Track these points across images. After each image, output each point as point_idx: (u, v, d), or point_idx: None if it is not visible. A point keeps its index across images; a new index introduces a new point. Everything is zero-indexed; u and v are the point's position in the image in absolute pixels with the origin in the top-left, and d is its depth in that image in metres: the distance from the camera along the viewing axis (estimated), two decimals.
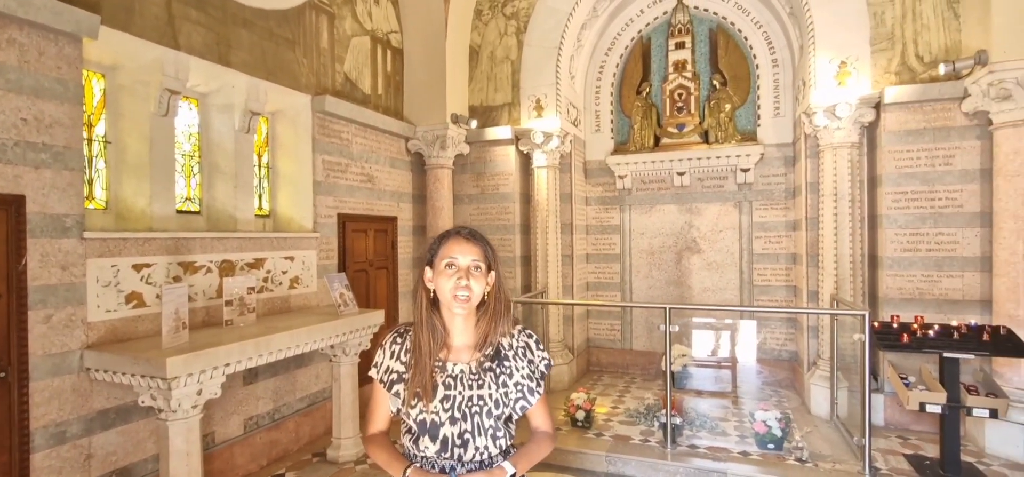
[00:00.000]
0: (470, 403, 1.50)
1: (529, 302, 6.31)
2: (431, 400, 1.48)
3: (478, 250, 1.52)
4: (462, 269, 1.48)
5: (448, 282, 1.48)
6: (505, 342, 1.57)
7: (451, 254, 1.50)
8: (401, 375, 1.55)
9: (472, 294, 1.48)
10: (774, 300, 6.53)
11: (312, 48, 5.04)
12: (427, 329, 1.52)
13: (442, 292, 1.50)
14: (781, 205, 6.46)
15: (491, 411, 1.50)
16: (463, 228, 1.58)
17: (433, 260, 1.55)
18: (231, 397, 4.13)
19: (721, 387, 6.15)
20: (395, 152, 6.18)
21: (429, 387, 1.48)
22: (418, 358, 1.51)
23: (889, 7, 4.98)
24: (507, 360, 1.56)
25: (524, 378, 1.56)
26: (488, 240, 1.58)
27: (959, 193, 4.73)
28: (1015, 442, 4.19)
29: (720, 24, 6.66)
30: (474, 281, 1.49)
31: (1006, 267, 4.29)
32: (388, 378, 1.57)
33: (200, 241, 3.96)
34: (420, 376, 1.49)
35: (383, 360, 1.60)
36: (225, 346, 3.20)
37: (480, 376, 1.52)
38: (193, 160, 4.40)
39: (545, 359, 1.61)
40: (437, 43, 6.19)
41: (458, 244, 1.52)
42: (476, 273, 1.50)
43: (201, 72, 4.08)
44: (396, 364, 1.57)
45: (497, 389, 1.52)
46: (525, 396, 1.56)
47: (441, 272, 1.50)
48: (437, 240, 1.57)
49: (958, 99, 4.64)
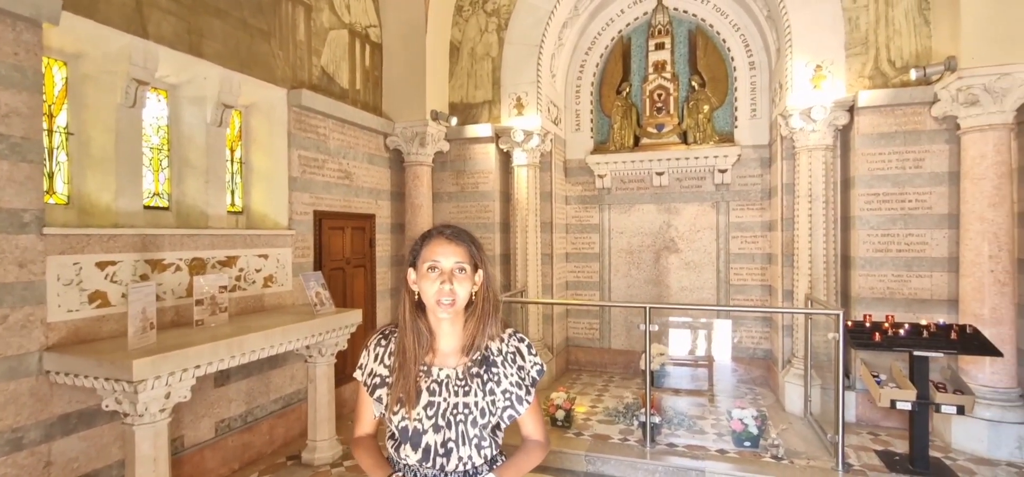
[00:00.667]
0: (454, 410, 1.43)
1: (509, 301, 6.26)
2: (414, 407, 1.42)
3: (462, 250, 1.44)
4: (445, 272, 1.41)
5: (431, 286, 1.41)
6: (494, 346, 1.50)
7: (433, 256, 1.42)
8: (384, 379, 1.48)
9: (457, 299, 1.41)
10: (750, 299, 6.63)
11: (288, 40, 4.91)
12: (411, 333, 1.45)
13: (426, 296, 1.43)
14: (757, 206, 6.56)
15: (476, 420, 1.43)
16: (446, 227, 1.49)
17: (416, 261, 1.47)
18: (201, 399, 4.00)
19: (697, 385, 6.22)
20: (373, 148, 6.08)
21: (412, 393, 1.42)
22: (402, 362, 1.44)
23: (863, 12, 5.09)
24: (495, 366, 1.48)
25: (513, 385, 1.48)
26: (474, 238, 1.50)
27: (928, 195, 4.86)
28: (979, 437, 4.32)
29: (699, 26, 6.72)
30: (458, 284, 1.41)
31: (972, 268, 4.43)
32: (371, 382, 1.50)
33: (169, 238, 3.81)
34: (404, 381, 1.42)
35: (367, 362, 1.53)
36: (195, 347, 3.08)
37: (467, 382, 1.45)
38: (162, 154, 4.23)
39: (537, 365, 1.53)
40: (417, 38, 6.10)
41: (441, 245, 1.44)
42: (461, 275, 1.42)
43: (171, 62, 3.93)
44: (380, 367, 1.50)
45: (483, 396, 1.45)
46: (513, 404, 1.48)
47: (424, 275, 1.43)
48: (419, 240, 1.49)
49: (928, 104, 4.77)
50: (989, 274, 4.33)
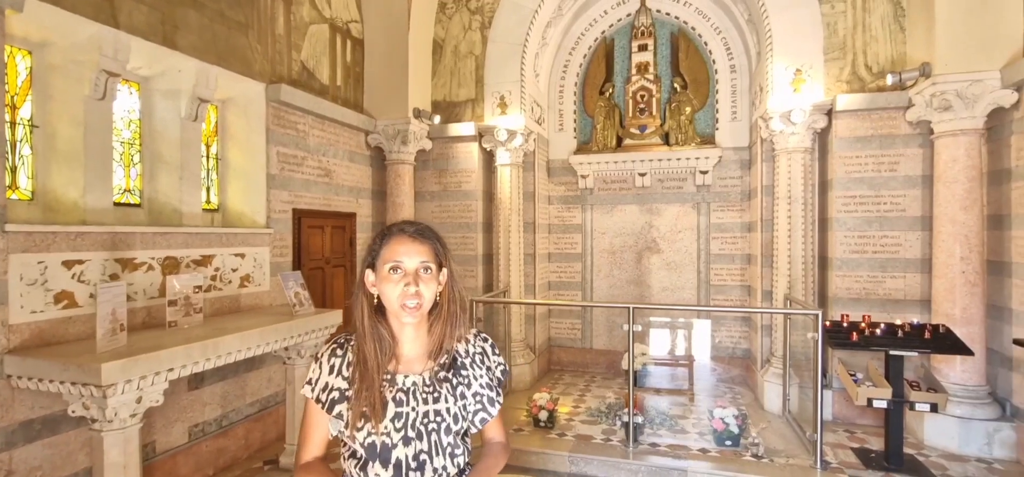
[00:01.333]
0: (426, 419, 1.33)
1: (491, 301, 6.23)
2: (381, 420, 1.30)
3: (427, 249, 1.35)
4: (410, 273, 1.31)
5: (394, 289, 1.31)
6: (461, 348, 1.43)
7: (395, 257, 1.32)
8: (344, 393, 1.34)
9: (423, 301, 1.32)
10: (730, 299, 6.71)
11: (267, 34, 4.79)
12: (372, 339, 1.34)
13: (388, 299, 1.33)
14: (737, 207, 6.64)
15: (450, 427, 1.35)
16: (408, 224, 1.39)
17: (374, 262, 1.36)
18: (174, 403, 3.86)
19: (678, 385, 6.27)
20: (354, 146, 5.97)
21: (378, 405, 1.30)
22: (363, 372, 1.32)
23: (841, 18, 5.18)
24: (464, 368, 1.41)
25: (483, 387, 1.41)
26: (438, 234, 1.41)
27: (903, 198, 4.97)
28: (951, 434, 4.44)
29: (681, 28, 6.78)
30: (424, 286, 1.32)
31: (944, 269, 4.54)
32: (328, 397, 1.35)
33: (140, 236, 3.67)
34: (367, 393, 1.30)
35: (320, 376, 1.38)
36: (168, 349, 2.97)
37: (435, 388, 1.36)
38: (133, 149, 4.08)
39: (501, 365, 1.48)
40: (399, 35, 6.02)
41: (403, 244, 1.34)
42: (426, 275, 1.33)
43: (143, 54, 3.79)
44: (337, 380, 1.36)
45: (455, 402, 1.37)
46: (486, 407, 1.41)
47: (385, 277, 1.32)
48: (378, 239, 1.38)
49: (903, 108, 4.88)
50: (960, 275, 4.45)
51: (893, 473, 4.06)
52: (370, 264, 1.38)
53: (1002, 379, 4.44)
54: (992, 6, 4.30)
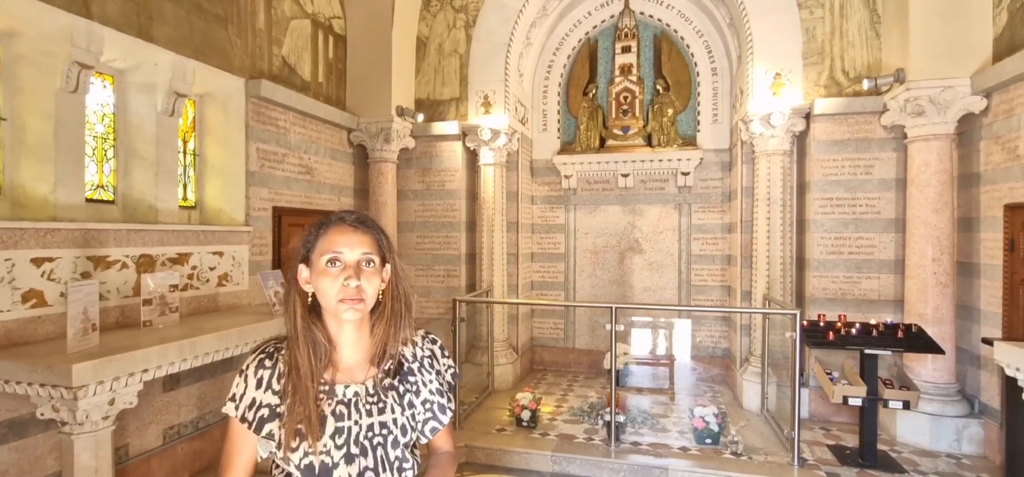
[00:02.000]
0: (370, 433, 1.21)
1: (474, 301, 6.22)
2: (319, 437, 1.16)
3: (370, 240, 1.23)
4: (350, 266, 1.18)
5: (332, 284, 1.17)
6: (408, 352, 1.31)
7: (334, 248, 1.19)
8: (274, 409, 1.19)
9: (365, 297, 1.19)
10: (710, 299, 6.79)
11: (247, 28, 4.70)
12: (305, 345, 1.19)
13: (324, 296, 1.19)
14: (718, 208, 6.73)
15: (397, 439, 1.23)
16: (348, 213, 1.26)
17: (309, 255, 1.22)
18: (148, 405, 3.77)
19: (659, 384, 6.33)
20: (336, 143, 5.90)
21: (315, 420, 1.16)
22: (297, 384, 1.17)
23: (820, 24, 5.29)
24: (412, 374, 1.29)
25: (433, 394, 1.30)
26: (381, 226, 1.29)
27: (877, 201, 5.09)
28: (922, 431, 4.56)
29: (664, 31, 6.84)
30: (366, 280, 1.19)
31: (917, 270, 4.66)
32: (255, 415, 1.19)
33: (114, 233, 3.58)
34: (301, 407, 1.16)
35: (244, 391, 1.21)
36: (142, 349, 2.90)
37: (380, 397, 1.24)
38: (107, 143, 3.97)
39: (451, 368, 1.38)
40: (383, 32, 5.96)
41: (343, 234, 1.21)
42: (368, 269, 1.20)
43: (118, 45, 3.69)
44: (265, 395, 1.20)
45: (403, 411, 1.25)
46: (436, 415, 1.30)
47: (322, 271, 1.19)
48: (314, 230, 1.25)
49: (878, 113, 5.00)
50: (932, 276, 4.57)
51: (867, 469, 4.15)
52: (304, 258, 1.24)
53: (970, 377, 4.58)
54: (963, 15, 4.43)
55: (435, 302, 6.47)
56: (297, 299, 1.23)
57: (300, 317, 1.21)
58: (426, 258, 6.49)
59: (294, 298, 1.23)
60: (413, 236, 6.52)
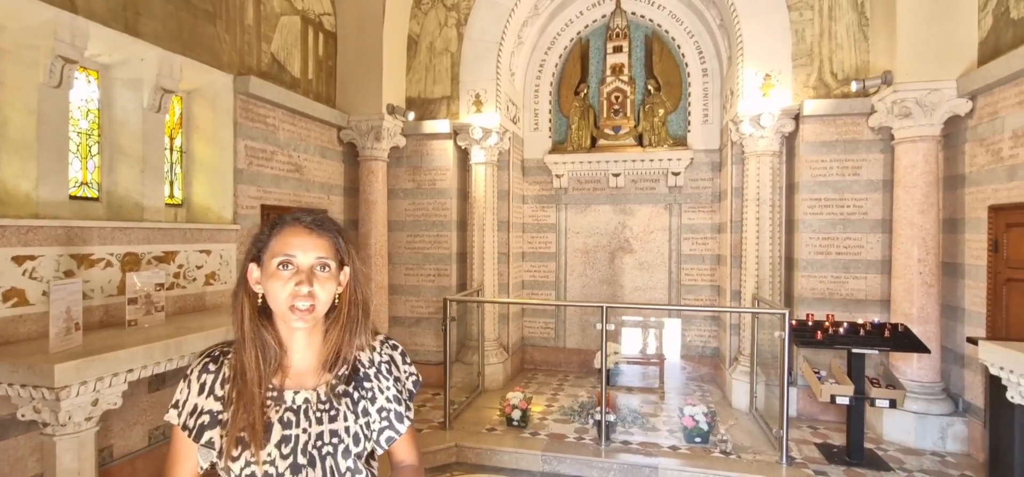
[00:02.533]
0: (320, 442, 1.14)
1: (465, 300, 6.20)
2: (263, 446, 1.09)
3: (326, 243, 1.16)
4: (304, 270, 1.12)
5: (283, 288, 1.11)
6: (364, 357, 1.24)
7: (287, 250, 1.12)
8: (216, 416, 1.13)
9: (317, 303, 1.13)
10: (700, 299, 6.83)
11: (235, 24, 4.65)
12: (253, 348, 1.13)
13: (275, 300, 1.12)
14: (708, 208, 6.77)
15: (349, 449, 1.15)
16: (305, 213, 1.18)
17: (261, 256, 1.16)
18: (133, 406, 3.71)
19: (649, 383, 6.35)
20: (326, 141, 5.85)
21: (259, 427, 1.09)
22: (242, 389, 1.11)
23: (809, 26, 5.33)
24: (368, 380, 1.22)
25: (391, 401, 1.22)
26: (341, 228, 1.22)
27: (865, 201, 5.15)
28: (908, 429, 4.61)
29: (655, 31, 6.87)
30: (320, 285, 1.13)
31: (903, 270, 4.72)
32: (195, 422, 1.13)
33: (98, 231, 3.52)
34: (245, 414, 1.09)
35: (187, 397, 1.15)
36: (127, 349, 2.85)
37: (332, 404, 1.17)
38: (91, 140, 3.91)
39: (413, 375, 1.30)
40: (373, 29, 5.92)
41: (297, 235, 1.14)
42: (323, 274, 1.14)
43: (103, 40, 3.63)
44: (208, 401, 1.14)
45: (356, 419, 1.18)
46: (392, 424, 1.22)
47: (273, 273, 1.12)
48: (267, 229, 1.18)
49: (866, 114, 5.05)
50: (918, 276, 4.62)
51: (854, 467, 4.20)
52: (255, 257, 1.17)
53: (955, 376, 4.64)
54: (949, 19, 4.48)
55: (425, 301, 6.44)
56: (246, 300, 1.15)
57: (248, 319, 1.14)
58: (417, 257, 6.46)
59: (242, 298, 1.16)
60: (404, 235, 6.49)
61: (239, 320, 1.15)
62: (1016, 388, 2.76)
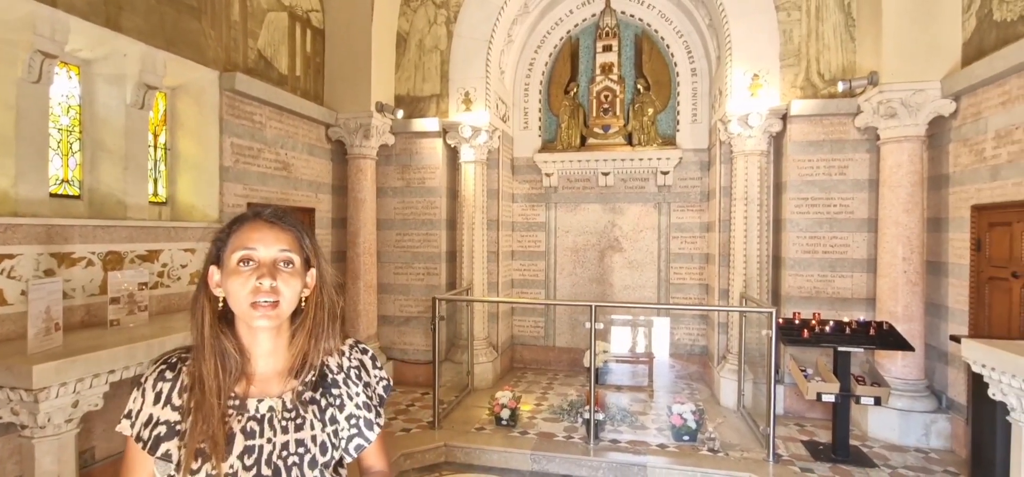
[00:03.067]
0: (285, 452, 1.08)
1: (454, 299, 6.18)
2: (224, 458, 1.04)
3: (289, 237, 1.11)
4: (265, 265, 1.07)
5: (244, 285, 1.06)
6: (333, 362, 1.19)
7: (247, 244, 1.07)
8: (174, 426, 1.06)
9: (281, 300, 1.07)
10: (688, 297, 6.86)
11: (221, 19, 4.59)
12: (212, 356, 1.07)
13: (235, 299, 1.07)
14: (696, 207, 6.80)
15: (316, 459, 1.10)
16: (265, 208, 1.14)
17: (221, 255, 1.11)
18: (116, 407, 3.64)
19: (638, 382, 6.37)
20: (314, 139, 5.80)
21: (220, 438, 1.03)
22: (201, 399, 1.05)
23: (796, 27, 5.37)
24: (336, 386, 1.17)
25: (360, 408, 1.18)
26: (304, 227, 1.18)
27: (851, 201, 5.20)
28: (892, 426, 4.67)
29: (645, 31, 6.88)
30: (284, 282, 1.08)
31: (888, 269, 4.77)
32: (151, 434, 1.06)
33: (79, 229, 3.46)
34: (204, 424, 1.03)
35: (141, 407, 1.08)
36: (109, 350, 2.81)
37: (299, 412, 1.12)
38: (72, 136, 3.84)
39: (384, 380, 1.26)
40: (362, 26, 5.88)
41: (257, 230, 1.09)
42: (286, 270, 1.09)
43: (84, 35, 3.56)
44: (164, 411, 1.07)
45: (323, 427, 1.13)
46: (362, 431, 1.17)
47: (233, 271, 1.07)
48: (226, 227, 1.14)
49: (852, 115, 5.09)
50: (902, 275, 4.68)
51: (840, 464, 4.24)
52: (215, 259, 1.12)
53: (939, 373, 4.70)
54: (934, 20, 4.54)
55: (415, 300, 6.41)
56: (206, 304, 1.10)
57: (208, 325, 1.08)
58: (406, 256, 6.43)
59: (202, 303, 1.10)
60: (392, 233, 6.45)
61: (198, 326, 1.09)
62: (997, 385, 2.80)
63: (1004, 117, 3.97)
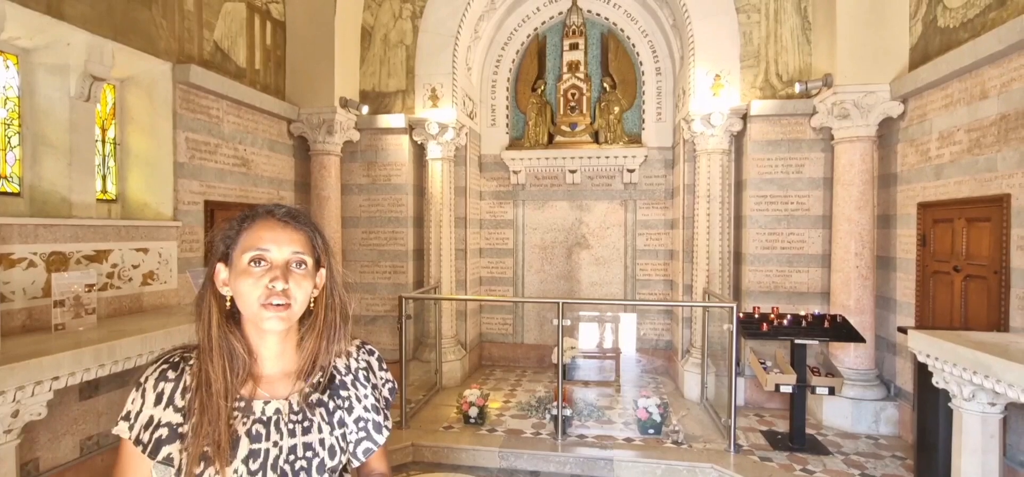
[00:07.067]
0: (292, 456, 1.05)
1: (422, 297, 6.12)
2: (228, 462, 1.00)
3: (302, 238, 1.08)
4: (277, 265, 1.03)
5: (255, 286, 1.02)
6: (341, 363, 1.16)
7: (259, 244, 1.04)
8: (176, 429, 1.02)
9: (293, 302, 1.04)
10: (653, 293, 6.98)
11: (173, 9, 4.40)
12: (220, 357, 1.03)
13: (245, 300, 1.03)
14: (661, 204, 6.92)
15: (324, 463, 1.08)
16: (279, 207, 1.10)
17: (229, 253, 1.07)
18: (63, 415, 3.47)
19: (605, 376, 6.45)
20: (275, 134, 5.63)
21: (225, 442, 1.00)
22: (206, 400, 1.01)
23: (756, 28, 5.52)
24: (344, 388, 1.14)
25: (368, 410, 1.15)
26: (317, 224, 1.14)
27: (807, 198, 5.38)
28: (845, 414, 4.87)
29: (611, 29, 6.95)
30: (296, 283, 1.04)
31: (841, 264, 4.96)
32: (152, 436, 1.02)
33: (19, 228, 3.26)
34: (210, 427, 0.99)
35: (141, 408, 1.03)
36: (53, 356, 2.66)
37: (306, 415, 1.09)
38: (11, 130, 3.61)
39: (390, 382, 1.24)
40: (325, 19, 5.73)
41: (270, 229, 1.05)
42: (298, 271, 1.06)
43: (21, 22, 3.35)
44: (166, 413, 1.03)
45: (332, 430, 1.10)
46: (370, 434, 1.15)
47: (244, 271, 1.03)
48: (236, 224, 1.09)
49: (808, 115, 5.27)
50: (854, 270, 4.88)
51: (796, 453, 4.39)
52: (223, 255, 1.08)
53: (887, 363, 4.93)
54: (884, 25, 4.73)
55: (381, 299, 6.32)
56: (213, 303, 1.06)
57: (215, 325, 1.05)
58: (372, 254, 6.33)
59: (209, 302, 1.06)
60: (358, 231, 6.34)
61: (205, 326, 1.05)
62: (940, 374, 2.95)
63: (947, 119, 4.17)
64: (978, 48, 3.70)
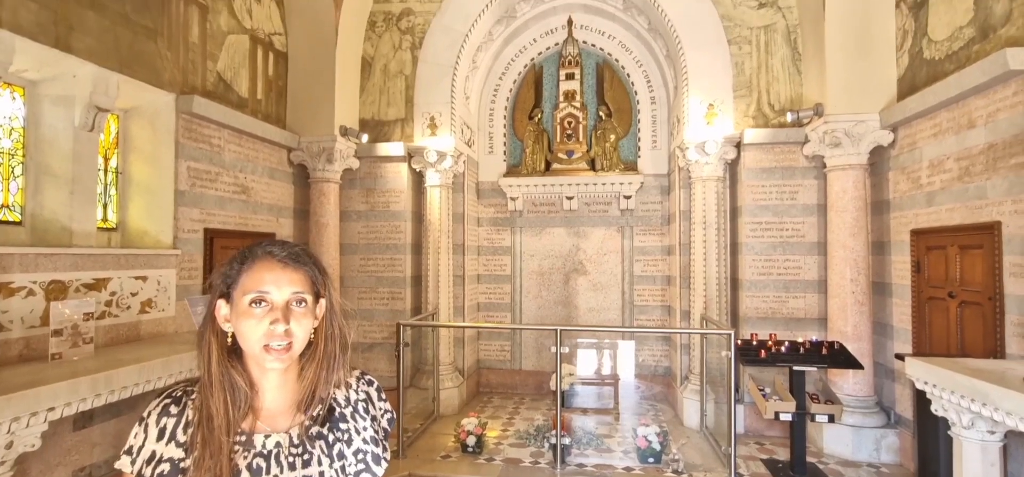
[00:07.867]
0: None
1: (419, 324, 6.11)
2: None
3: (302, 277, 1.08)
4: (278, 307, 1.05)
5: (256, 327, 1.04)
6: (341, 395, 1.17)
7: (260, 286, 1.05)
8: (178, 464, 1.02)
9: (294, 341, 1.06)
10: (651, 319, 6.98)
11: (178, 42, 4.49)
12: (221, 391, 1.04)
13: (247, 341, 1.05)
14: (658, 231, 6.97)
15: None
16: (278, 246, 1.10)
17: (230, 291, 1.08)
18: (56, 446, 3.43)
19: (604, 403, 6.41)
20: (275, 162, 5.69)
21: (226, 476, 1.01)
22: (207, 435, 1.02)
23: (747, 59, 5.64)
24: (344, 421, 1.15)
25: (367, 442, 1.15)
26: (316, 258, 1.14)
27: (802, 224, 5.44)
28: (845, 441, 4.84)
29: (606, 59, 7.09)
30: (296, 323, 1.06)
31: (837, 289, 4.99)
32: (153, 471, 1.02)
33: (19, 257, 3.27)
34: (211, 461, 1.00)
35: (143, 443, 1.04)
36: (49, 385, 2.65)
37: (306, 448, 1.09)
38: (15, 160, 3.65)
39: (388, 412, 1.24)
40: (326, 50, 5.85)
41: (271, 270, 1.06)
42: (299, 310, 1.07)
43: (30, 55, 3.42)
44: (168, 448, 1.04)
45: (331, 463, 1.10)
46: (369, 466, 1.14)
47: (245, 312, 1.04)
48: (236, 263, 1.09)
49: (801, 143, 5.36)
50: (851, 295, 4.90)
51: None
52: (223, 293, 1.09)
53: (887, 390, 4.92)
54: (871, 56, 4.85)
55: (379, 325, 6.30)
56: (213, 339, 1.07)
57: (216, 361, 1.05)
58: (370, 280, 6.33)
59: (209, 338, 1.07)
60: (357, 258, 6.36)
61: (206, 361, 1.06)
62: (939, 401, 2.96)
63: (936, 147, 4.25)
64: (963, 80, 3.80)
